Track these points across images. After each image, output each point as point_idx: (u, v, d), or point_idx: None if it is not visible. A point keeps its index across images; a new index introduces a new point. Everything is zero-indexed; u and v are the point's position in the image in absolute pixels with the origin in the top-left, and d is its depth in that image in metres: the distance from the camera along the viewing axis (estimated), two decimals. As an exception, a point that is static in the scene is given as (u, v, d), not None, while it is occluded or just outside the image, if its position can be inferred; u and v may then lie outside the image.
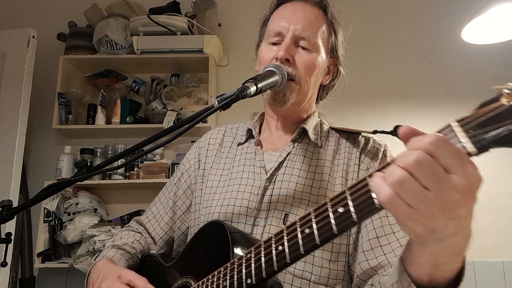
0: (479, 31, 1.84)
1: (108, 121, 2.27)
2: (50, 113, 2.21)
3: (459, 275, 0.51)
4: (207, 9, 2.33)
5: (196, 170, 1.00)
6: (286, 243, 0.57)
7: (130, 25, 2.22)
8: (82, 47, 2.28)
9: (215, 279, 0.69)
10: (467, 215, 0.43)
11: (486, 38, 1.89)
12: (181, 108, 2.20)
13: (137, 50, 2.20)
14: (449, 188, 0.40)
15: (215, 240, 0.77)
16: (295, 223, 0.57)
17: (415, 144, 0.42)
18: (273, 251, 0.58)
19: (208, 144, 1.03)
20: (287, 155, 0.91)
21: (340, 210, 0.50)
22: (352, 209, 0.49)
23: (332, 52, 0.97)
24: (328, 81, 1.00)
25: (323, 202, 0.54)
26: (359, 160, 0.88)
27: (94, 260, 1.01)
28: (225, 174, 0.94)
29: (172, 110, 2.17)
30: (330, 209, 0.52)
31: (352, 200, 0.49)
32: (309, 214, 0.55)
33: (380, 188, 0.43)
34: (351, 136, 0.94)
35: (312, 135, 0.93)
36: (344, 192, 0.51)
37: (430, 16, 2.46)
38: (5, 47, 2.14)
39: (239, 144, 0.99)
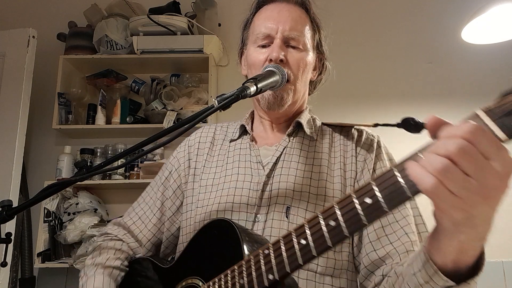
0: (479, 31, 1.84)
1: (108, 121, 2.27)
2: (50, 113, 2.21)
3: (479, 260, 0.53)
4: (207, 9, 2.33)
5: (186, 169, 0.97)
6: (309, 237, 0.56)
7: (130, 25, 2.22)
8: (82, 47, 2.28)
9: (229, 278, 0.67)
10: (502, 200, 0.45)
11: (486, 38, 1.89)
12: (181, 108, 2.20)
13: (137, 50, 2.19)
14: (490, 175, 0.42)
15: (223, 239, 0.75)
16: (316, 216, 0.57)
17: (452, 133, 0.43)
18: (296, 245, 0.58)
19: (199, 142, 1.00)
20: (284, 149, 0.91)
21: (368, 201, 0.51)
22: (381, 199, 0.49)
23: (318, 48, 0.99)
24: (316, 77, 1.01)
25: (347, 194, 0.54)
26: (356, 152, 0.89)
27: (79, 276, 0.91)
28: (219, 171, 0.93)
29: (172, 110, 2.17)
30: (356, 201, 0.52)
31: (380, 191, 0.50)
32: (332, 206, 0.55)
33: (423, 176, 0.44)
34: (343, 129, 0.96)
35: (307, 129, 0.94)
36: (369, 183, 0.51)
37: (430, 16, 2.46)
38: (5, 47, 2.13)
39: (232, 140, 0.98)
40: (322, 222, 0.55)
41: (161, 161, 2.16)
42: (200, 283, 0.75)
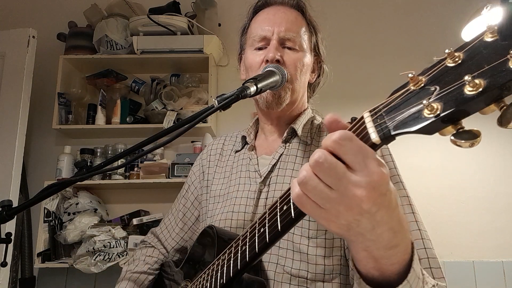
0: (479, 31, 1.84)
1: (108, 121, 2.27)
2: (50, 113, 2.20)
3: (410, 267, 0.49)
4: (207, 9, 2.33)
5: (201, 181, 1.03)
6: (247, 243, 0.58)
7: (130, 25, 2.22)
8: (82, 47, 2.28)
9: (200, 280, 0.72)
10: (378, 209, 0.42)
11: (486, 38, 1.89)
12: (181, 108, 2.20)
13: (137, 50, 2.19)
14: (350, 186, 0.40)
15: (207, 244, 0.80)
16: (255, 222, 0.58)
17: (323, 142, 0.43)
18: (239, 251, 0.60)
19: (210, 155, 1.06)
20: (280, 156, 0.91)
21: (285, 207, 0.51)
22: (292, 206, 0.49)
23: (315, 50, 0.99)
24: (314, 79, 1.01)
25: (275, 200, 0.54)
26: None
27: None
28: (226, 182, 0.96)
29: (172, 110, 2.17)
30: (278, 207, 0.53)
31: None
32: (265, 213, 0.56)
33: (293, 187, 0.44)
34: None
35: (301, 134, 0.93)
36: (289, 188, 0.51)
37: (430, 16, 2.47)
38: (5, 47, 2.13)
39: (237, 151, 1.01)
40: (257, 228, 0.57)
41: (161, 161, 2.16)
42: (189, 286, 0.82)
